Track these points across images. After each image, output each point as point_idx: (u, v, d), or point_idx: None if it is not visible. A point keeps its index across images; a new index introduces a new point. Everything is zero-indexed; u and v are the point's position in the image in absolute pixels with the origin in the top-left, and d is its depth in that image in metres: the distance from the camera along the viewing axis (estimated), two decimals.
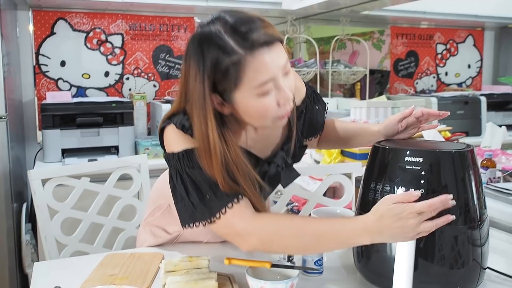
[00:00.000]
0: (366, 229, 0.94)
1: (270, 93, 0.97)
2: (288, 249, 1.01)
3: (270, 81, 0.96)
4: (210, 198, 1.00)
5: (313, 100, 1.28)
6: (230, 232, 1.02)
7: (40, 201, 1.58)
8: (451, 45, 4.02)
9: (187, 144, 1.02)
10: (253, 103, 0.97)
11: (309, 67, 3.17)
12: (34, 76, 2.91)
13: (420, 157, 0.97)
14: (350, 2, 2.81)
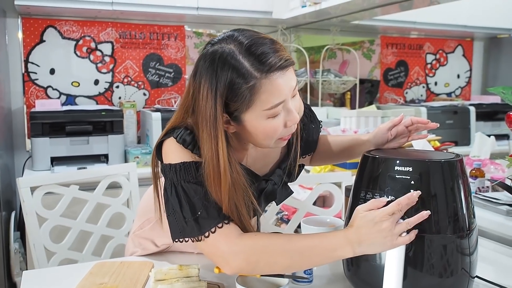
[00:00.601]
0: (347, 241, 0.95)
1: (280, 115, 0.98)
2: (275, 267, 0.99)
3: (281, 103, 0.97)
4: (201, 215, 0.99)
5: (309, 118, 1.30)
6: (215, 252, 1.00)
7: (29, 208, 1.57)
8: (440, 55, 4.06)
9: (185, 158, 1.01)
10: (262, 124, 0.98)
11: (300, 77, 3.18)
12: (23, 84, 2.89)
13: (410, 167, 0.98)
14: (341, 11, 2.83)
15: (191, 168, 1.00)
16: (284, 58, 0.96)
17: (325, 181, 1.84)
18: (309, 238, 0.99)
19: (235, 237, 0.99)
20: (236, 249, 0.98)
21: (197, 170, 1.00)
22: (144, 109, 3.04)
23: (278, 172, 1.18)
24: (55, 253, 1.61)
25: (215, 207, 0.99)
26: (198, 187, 0.99)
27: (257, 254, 0.98)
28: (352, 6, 2.62)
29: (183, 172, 1.00)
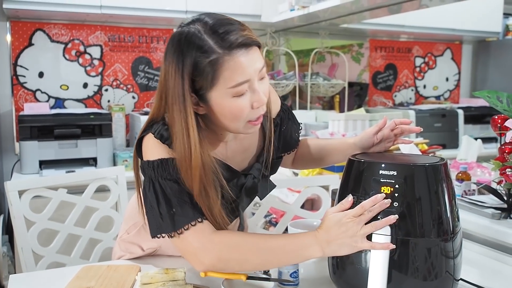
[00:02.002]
0: (316, 241, 0.98)
1: (245, 94, 1.00)
2: (246, 265, 1.01)
3: (246, 82, 0.98)
4: (176, 212, 1.01)
5: (288, 115, 1.30)
6: (188, 249, 1.01)
7: (17, 212, 1.57)
8: (429, 58, 4.10)
9: (163, 154, 1.03)
10: (228, 103, 0.99)
11: (288, 80, 3.19)
12: (12, 87, 2.88)
13: (394, 171, 0.99)
14: (329, 15, 2.85)
15: (168, 165, 1.02)
16: (248, 37, 0.98)
17: (313, 184, 1.85)
18: (280, 238, 1.02)
19: (208, 234, 1.01)
20: (209, 246, 1.00)
21: (174, 166, 1.01)
22: (133, 112, 3.04)
23: (257, 166, 1.18)
24: (43, 257, 1.61)
25: (190, 205, 1.01)
26: (174, 184, 1.01)
27: (229, 252, 1.00)
28: (340, 9, 2.64)
29: (160, 168, 1.02)
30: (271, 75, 3.25)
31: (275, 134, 1.24)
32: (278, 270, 1.16)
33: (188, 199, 1.01)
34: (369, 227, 0.96)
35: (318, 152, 1.36)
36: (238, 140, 1.16)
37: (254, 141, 1.20)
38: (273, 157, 1.22)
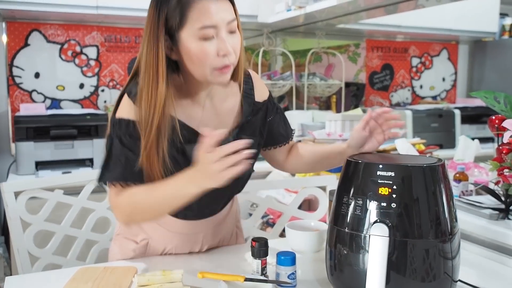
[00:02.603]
0: (189, 179, 1.04)
1: (211, 40, 1.07)
2: (147, 216, 1.16)
3: (212, 28, 1.06)
4: (108, 168, 1.14)
5: (277, 110, 1.36)
6: (110, 202, 1.17)
7: (13, 213, 1.56)
8: (425, 58, 4.10)
9: (126, 114, 1.13)
10: (194, 45, 1.07)
11: (285, 80, 3.19)
12: (8, 87, 2.86)
13: (392, 171, 0.99)
14: (326, 15, 2.85)
15: (122, 125, 1.13)
16: None
17: (310, 184, 1.85)
18: (162, 187, 1.09)
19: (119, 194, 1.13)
20: (116, 205, 1.14)
21: (127, 129, 1.12)
22: None
23: (228, 138, 1.20)
24: (39, 258, 1.60)
25: (121, 167, 1.12)
26: (119, 144, 1.12)
27: (129, 209, 1.14)
28: (337, 9, 2.64)
29: (117, 126, 1.14)
30: (267, 76, 3.25)
31: (257, 116, 1.29)
32: (276, 272, 1.15)
33: (123, 162, 1.12)
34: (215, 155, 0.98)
35: (313, 157, 1.39)
36: (213, 104, 1.23)
37: (231, 109, 1.25)
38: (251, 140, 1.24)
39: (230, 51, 1.09)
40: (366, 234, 1.00)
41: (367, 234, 0.99)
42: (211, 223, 1.38)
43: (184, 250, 1.37)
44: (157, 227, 1.33)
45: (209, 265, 1.26)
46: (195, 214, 1.31)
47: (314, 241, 1.40)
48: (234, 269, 1.10)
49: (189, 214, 1.30)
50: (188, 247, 1.37)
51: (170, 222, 1.32)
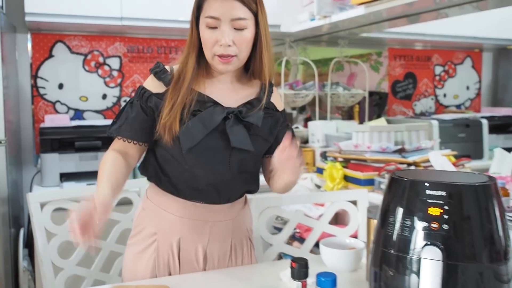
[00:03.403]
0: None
1: (214, 30, 1.27)
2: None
3: (215, 19, 1.25)
4: (115, 122, 1.36)
5: (287, 127, 1.47)
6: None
7: (38, 224, 1.56)
8: (449, 67, 4.04)
9: (147, 85, 1.36)
10: (202, 30, 1.28)
11: (308, 90, 3.15)
12: (32, 99, 2.87)
13: (442, 191, 0.94)
14: (349, 25, 2.82)
15: (140, 93, 1.34)
16: None
17: (340, 198, 1.80)
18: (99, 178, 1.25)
19: (112, 149, 1.34)
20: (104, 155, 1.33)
21: (142, 94, 1.34)
22: None
23: (234, 109, 1.33)
24: (62, 269, 1.59)
25: (126, 125, 1.33)
26: (131, 105, 1.34)
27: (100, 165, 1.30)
28: (360, 19, 2.61)
29: (137, 92, 1.36)
30: (289, 85, 3.22)
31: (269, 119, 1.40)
32: None
33: (124, 119, 1.34)
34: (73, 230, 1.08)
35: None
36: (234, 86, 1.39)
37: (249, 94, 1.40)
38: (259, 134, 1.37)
39: (227, 42, 1.25)
40: (414, 257, 0.96)
41: (417, 256, 0.95)
42: (220, 214, 1.39)
43: (192, 244, 1.37)
44: (165, 214, 1.38)
45: (244, 284, 1.22)
46: (203, 197, 1.36)
47: (351, 260, 1.36)
48: None
49: (197, 195, 1.36)
50: (196, 239, 1.37)
51: (179, 204, 1.37)
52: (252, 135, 1.34)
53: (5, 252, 2.23)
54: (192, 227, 1.37)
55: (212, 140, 1.30)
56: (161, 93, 1.33)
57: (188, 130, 1.27)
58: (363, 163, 2.34)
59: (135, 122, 1.33)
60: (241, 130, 1.32)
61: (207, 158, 1.32)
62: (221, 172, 1.34)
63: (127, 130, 1.33)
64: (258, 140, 1.37)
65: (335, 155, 2.54)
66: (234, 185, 1.39)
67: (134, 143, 1.35)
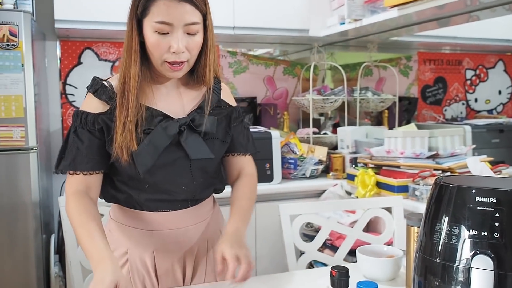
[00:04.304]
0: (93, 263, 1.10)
1: (165, 36, 1.18)
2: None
3: (167, 25, 1.17)
4: (63, 157, 1.24)
5: (242, 122, 1.42)
6: (65, 190, 1.25)
7: (68, 226, 1.56)
8: (480, 71, 3.94)
9: (84, 107, 1.26)
10: (150, 35, 1.19)
11: (337, 95, 3.11)
12: (61, 105, 2.90)
13: (493, 197, 0.89)
14: (378, 28, 2.77)
15: (78, 117, 1.24)
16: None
17: (374, 206, 1.75)
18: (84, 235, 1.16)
19: (72, 192, 1.22)
20: (68, 198, 1.22)
21: (82, 120, 1.23)
22: None
23: (185, 119, 1.28)
24: (91, 272, 1.58)
25: (73, 156, 1.22)
26: (73, 134, 1.24)
27: (68, 216, 1.22)
28: (389, 22, 2.56)
29: (75, 118, 1.25)
30: (317, 91, 3.17)
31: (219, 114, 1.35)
32: None
33: (74, 151, 1.22)
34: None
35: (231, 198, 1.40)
36: (179, 91, 1.33)
37: (195, 97, 1.34)
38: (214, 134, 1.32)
39: (181, 49, 1.19)
40: (462, 266, 0.91)
41: (464, 266, 0.90)
42: (189, 218, 1.34)
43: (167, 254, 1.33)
44: (133, 231, 1.32)
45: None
46: (169, 206, 1.31)
47: (390, 268, 1.31)
48: None
49: (162, 205, 1.31)
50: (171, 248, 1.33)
51: (145, 217, 1.31)
52: (209, 139, 1.31)
53: (38, 258, 2.25)
54: (164, 237, 1.32)
55: (169, 155, 1.26)
56: (104, 112, 1.24)
57: (140, 154, 1.21)
58: (396, 169, 2.28)
59: (90, 151, 1.23)
60: (197, 140, 1.28)
61: (168, 173, 1.27)
62: (184, 182, 1.30)
63: (83, 162, 1.23)
64: (215, 143, 1.33)
65: (366, 161, 2.48)
66: (199, 189, 1.35)
67: (96, 173, 1.25)
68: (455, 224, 0.93)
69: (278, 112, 3.34)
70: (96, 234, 1.16)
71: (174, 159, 1.27)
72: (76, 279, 1.57)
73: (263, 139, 2.56)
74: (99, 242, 1.14)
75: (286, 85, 3.42)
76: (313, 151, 2.88)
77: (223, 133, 1.36)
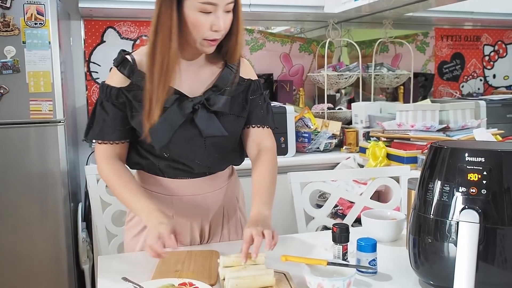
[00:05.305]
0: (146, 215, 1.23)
1: (208, 15, 1.20)
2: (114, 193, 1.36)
3: (212, 5, 1.19)
4: (92, 127, 1.32)
5: (261, 95, 1.44)
6: (96, 157, 1.35)
7: (94, 193, 1.67)
8: (499, 46, 3.93)
9: (109, 81, 1.30)
10: (193, 15, 1.20)
11: (352, 71, 3.16)
12: (86, 82, 3.02)
13: (482, 157, 0.97)
14: (393, 4, 2.79)
15: (105, 90, 1.29)
16: None
17: (383, 175, 1.83)
18: (128, 195, 1.29)
19: (106, 157, 1.33)
20: (100, 166, 1.34)
21: (108, 93, 1.28)
22: None
23: (200, 97, 1.31)
24: (116, 235, 1.69)
25: (101, 126, 1.30)
26: (99, 106, 1.30)
27: (104, 180, 1.36)
28: None
29: (101, 90, 1.31)
30: (333, 67, 3.23)
31: (239, 89, 1.38)
32: (356, 258, 1.16)
33: (101, 122, 1.30)
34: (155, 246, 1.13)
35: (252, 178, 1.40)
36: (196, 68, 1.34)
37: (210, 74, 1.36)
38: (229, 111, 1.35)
39: (222, 30, 1.23)
40: (453, 221, 0.99)
41: (455, 220, 0.98)
42: (207, 186, 1.41)
43: (186, 218, 1.41)
44: (155, 195, 1.40)
45: (286, 250, 1.28)
46: (187, 175, 1.39)
47: (392, 230, 1.40)
48: (317, 254, 1.11)
49: (181, 174, 1.39)
50: (189, 214, 1.41)
51: (165, 183, 1.39)
52: (223, 116, 1.34)
53: (67, 224, 2.41)
54: (183, 203, 1.40)
55: (184, 132, 1.30)
56: (125, 86, 1.28)
57: (156, 131, 1.26)
58: (406, 142, 2.35)
59: (115, 123, 1.30)
60: (211, 118, 1.31)
61: (183, 149, 1.33)
62: (199, 157, 1.36)
63: (109, 132, 1.31)
64: (230, 119, 1.36)
65: (378, 135, 2.55)
66: (215, 164, 1.41)
67: (122, 142, 1.34)
68: (447, 183, 1.01)
69: (294, 89, 3.41)
70: (138, 191, 1.29)
71: (189, 136, 1.31)
72: (102, 242, 1.67)
73: (278, 113, 2.64)
74: (144, 198, 1.27)
75: (302, 62, 3.48)
76: (327, 126, 2.95)
77: (239, 108, 1.38)
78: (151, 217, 1.21)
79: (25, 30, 2.28)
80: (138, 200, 1.27)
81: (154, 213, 1.22)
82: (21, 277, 2.37)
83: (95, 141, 1.34)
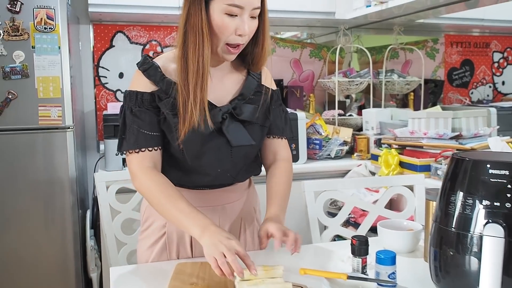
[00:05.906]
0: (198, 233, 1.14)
1: (234, 18, 1.18)
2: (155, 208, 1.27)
3: (239, 8, 1.17)
4: (125, 137, 1.26)
5: (280, 106, 1.44)
6: (129, 169, 1.28)
7: (103, 201, 1.65)
8: (508, 53, 3.90)
9: (135, 87, 1.26)
10: (218, 17, 1.18)
11: (363, 77, 3.14)
12: (94, 87, 3.01)
13: (506, 170, 0.95)
14: (404, 11, 2.78)
15: (132, 97, 1.25)
16: None
17: (396, 184, 1.80)
18: (177, 212, 1.20)
19: (142, 167, 1.25)
20: (138, 176, 1.25)
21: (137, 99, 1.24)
22: None
23: (227, 106, 1.29)
24: (125, 244, 1.67)
25: (135, 135, 1.24)
26: (130, 114, 1.25)
27: (144, 194, 1.27)
28: (416, 4, 2.57)
29: (128, 98, 1.26)
30: (343, 73, 3.21)
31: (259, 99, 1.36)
32: (375, 271, 1.14)
33: (135, 130, 1.24)
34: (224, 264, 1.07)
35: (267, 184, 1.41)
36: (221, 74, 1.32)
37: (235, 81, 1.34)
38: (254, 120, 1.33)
39: (248, 32, 1.20)
40: (475, 235, 0.96)
41: (478, 234, 0.96)
42: (226, 196, 1.39)
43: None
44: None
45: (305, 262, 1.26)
46: (208, 185, 1.36)
47: (409, 240, 1.37)
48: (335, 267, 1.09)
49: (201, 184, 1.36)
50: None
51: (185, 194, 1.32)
52: (249, 125, 1.33)
53: (75, 232, 2.39)
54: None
55: (211, 141, 1.28)
56: (153, 92, 1.25)
57: (187, 140, 1.24)
58: (419, 149, 2.32)
59: (153, 128, 1.26)
60: (238, 127, 1.30)
61: (210, 158, 1.30)
62: (225, 168, 1.33)
63: (147, 139, 1.26)
64: (255, 129, 1.35)
65: (390, 142, 2.53)
66: (240, 174, 1.39)
67: (160, 148, 1.29)
68: (469, 196, 0.98)
69: (304, 95, 3.39)
70: (187, 205, 1.20)
71: (216, 145, 1.29)
72: (111, 251, 1.65)
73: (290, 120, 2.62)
74: (195, 213, 1.19)
75: (312, 68, 3.46)
76: (338, 132, 2.93)
77: (263, 118, 1.37)
78: (205, 234, 1.13)
79: (34, 35, 2.27)
80: (188, 214, 1.19)
81: (210, 228, 1.14)
82: (28, 284, 2.36)
83: (125, 152, 1.28)
